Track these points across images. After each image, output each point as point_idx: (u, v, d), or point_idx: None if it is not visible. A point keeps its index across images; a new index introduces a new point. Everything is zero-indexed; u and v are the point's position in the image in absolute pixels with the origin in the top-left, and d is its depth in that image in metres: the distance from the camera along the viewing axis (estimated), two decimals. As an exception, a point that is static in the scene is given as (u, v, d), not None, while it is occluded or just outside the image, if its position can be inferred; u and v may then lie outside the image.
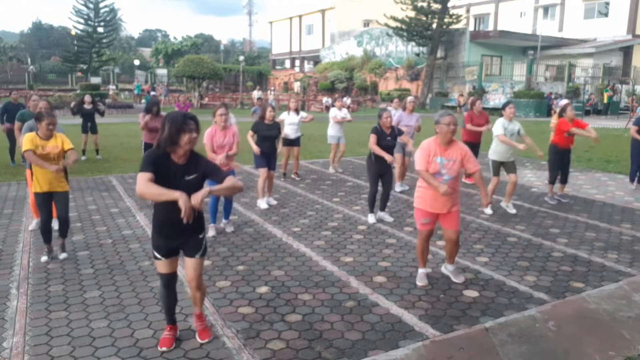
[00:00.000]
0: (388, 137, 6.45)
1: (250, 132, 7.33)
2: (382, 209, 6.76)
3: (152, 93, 36.95)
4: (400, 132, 6.78)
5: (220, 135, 5.97)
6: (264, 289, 4.49)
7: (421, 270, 4.71)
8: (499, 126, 7.00)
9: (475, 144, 9.28)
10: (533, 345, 3.60)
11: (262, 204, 7.34)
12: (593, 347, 3.62)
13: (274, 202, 7.59)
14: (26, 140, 4.85)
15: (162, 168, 3.12)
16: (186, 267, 3.48)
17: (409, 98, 9.12)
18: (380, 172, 6.53)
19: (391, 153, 6.54)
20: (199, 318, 3.64)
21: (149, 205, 7.35)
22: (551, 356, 3.51)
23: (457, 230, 4.55)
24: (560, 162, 7.67)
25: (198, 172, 3.23)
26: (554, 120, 9.41)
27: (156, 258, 3.40)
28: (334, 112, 10.24)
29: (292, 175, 9.53)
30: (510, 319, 3.94)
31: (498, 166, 7.11)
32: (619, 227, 6.55)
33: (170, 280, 3.48)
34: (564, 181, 7.80)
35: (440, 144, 4.42)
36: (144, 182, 3.03)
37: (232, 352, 3.46)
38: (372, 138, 6.36)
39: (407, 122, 8.58)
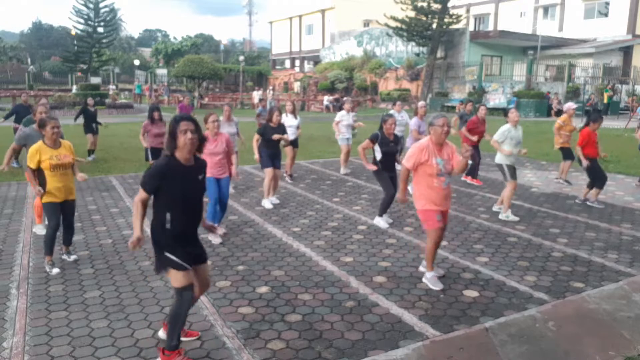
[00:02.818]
0: (391, 143, 6.35)
1: (257, 136, 7.32)
2: (384, 211, 6.62)
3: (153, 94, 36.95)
4: (399, 139, 6.70)
5: (211, 142, 5.87)
6: (264, 289, 4.49)
7: (433, 274, 4.64)
8: (500, 133, 6.93)
9: (474, 146, 9.27)
10: (533, 345, 3.60)
11: (267, 204, 7.40)
12: (593, 347, 3.62)
13: (277, 202, 7.59)
14: (31, 156, 4.72)
15: (173, 176, 3.14)
16: (201, 276, 3.44)
17: (421, 103, 9.03)
18: (391, 174, 6.43)
19: (394, 159, 6.51)
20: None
21: (149, 206, 7.34)
22: (551, 356, 3.51)
23: (446, 225, 4.72)
24: (600, 169, 7.63)
25: (203, 172, 3.34)
26: (559, 121, 9.38)
27: (181, 268, 3.19)
28: (340, 116, 10.09)
29: (285, 175, 9.50)
30: (510, 319, 3.94)
31: (513, 170, 6.91)
32: (619, 227, 6.55)
33: (192, 293, 3.32)
34: (590, 186, 7.69)
35: (436, 144, 4.51)
36: (138, 201, 3.21)
37: (232, 352, 3.46)
38: (366, 143, 6.32)
39: (425, 128, 8.55)
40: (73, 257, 5.14)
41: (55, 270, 4.82)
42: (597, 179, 7.56)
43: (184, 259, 3.21)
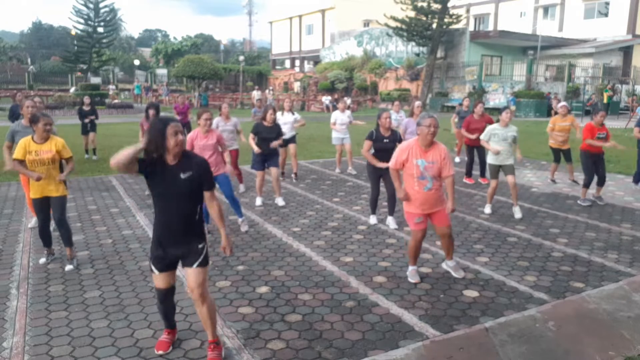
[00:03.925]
0: (385, 140, 6.26)
1: (252, 135, 7.37)
2: (390, 213, 6.58)
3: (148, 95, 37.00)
4: (400, 139, 6.67)
5: (202, 138, 5.96)
6: (264, 289, 4.49)
7: (412, 268, 4.77)
8: (485, 131, 7.09)
9: (479, 148, 9.15)
10: (533, 345, 3.60)
11: (258, 201, 7.57)
12: (593, 347, 3.62)
13: (283, 203, 7.53)
14: (18, 147, 4.76)
15: (157, 170, 3.12)
16: (187, 277, 3.33)
17: (417, 103, 8.98)
18: (380, 173, 6.41)
19: (389, 155, 6.45)
20: (211, 347, 3.37)
21: (149, 205, 7.35)
22: (551, 356, 3.51)
23: (448, 226, 4.66)
24: (593, 166, 7.60)
25: (193, 170, 3.17)
26: (550, 123, 9.35)
27: (152, 271, 3.32)
28: (334, 117, 10.00)
29: (292, 176, 9.53)
30: (510, 319, 3.94)
31: (496, 169, 7.05)
32: (619, 227, 6.55)
33: (166, 295, 3.38)
34: (600, 184, 7.69)
35: (421, 145, 4.46)
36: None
37: (232, 352, 3.46)
38: (366, 144, 6.26)
39: (413, 128, 8.42)
40: (69, 267, 4.90)
41: (42, 260, 5.02)
42: (586, 174, 7.63)
43: (157, 263, 3.28)
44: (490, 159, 7.10)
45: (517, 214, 6.95)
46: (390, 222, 6.54)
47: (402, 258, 5.31)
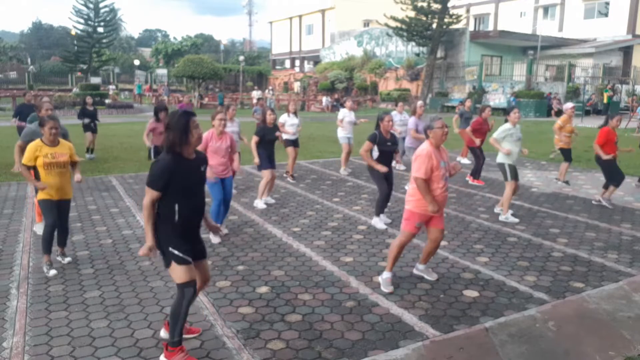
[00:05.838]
0: (388, 142, 6.27)
1: (256, 138, 7.26)
2: (378, 213, 6.58)
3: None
4: (396, 139, 6.64)
5: (216, 140, 5.85)
6: (264, 289, 4.49)
7: (388, 275, 4.55)
8: (500, 131, 6.92)
9: (478, 147, 9.19)
10: (533, 345, 3.60)
11: (260, 204, 7.37)
12: (593, 347, 3.63)
13: (272, 201, 7.59)
14: (27, 153, 4.71)
15: (179, 171, 3.18)
16: (201, 269, 3.44)
17: (419, 102, 9.00)
18: (386, 174, 6.34)
19: (391, 158, 6.46)
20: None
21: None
22: (551, 356, 3.51)
23: (443, 230, 4.61)
24: (617, 167, 7.58)
25: (205, 164, 3.42)
26: (559, 122, 9.33)
27: (185, 262, 3.21)
28: (342, 114, 10.15)
29: (286, 175, 9.49)
30: (510, 319, 3.94)
31: (514, 169, 6.84)
32: (619, 227, 6.55)
33: (193, 289, 3.30)
34: (606, 186, 7.68)
35: (436, 147, 4.45)
36: (149, 203, 3.17)
37: (232, 352, 3.46)
38: (366, 145, 6.17)
39: (421, 127, 8.46)
40: (67, 260, 5.01)
41: (53, 272, 4.76)
42: (613, 178, 7.56)
43: (187, 253, 3.27)
44: (507, 159, 6.83)
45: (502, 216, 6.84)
46: (377, 221, 6.51)
47: (402, 258, 5.29)
